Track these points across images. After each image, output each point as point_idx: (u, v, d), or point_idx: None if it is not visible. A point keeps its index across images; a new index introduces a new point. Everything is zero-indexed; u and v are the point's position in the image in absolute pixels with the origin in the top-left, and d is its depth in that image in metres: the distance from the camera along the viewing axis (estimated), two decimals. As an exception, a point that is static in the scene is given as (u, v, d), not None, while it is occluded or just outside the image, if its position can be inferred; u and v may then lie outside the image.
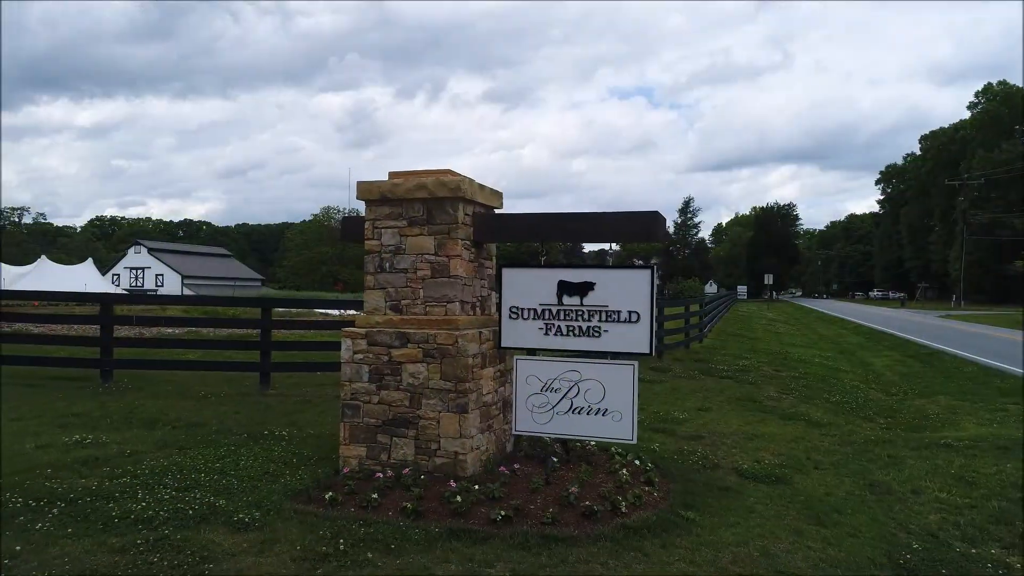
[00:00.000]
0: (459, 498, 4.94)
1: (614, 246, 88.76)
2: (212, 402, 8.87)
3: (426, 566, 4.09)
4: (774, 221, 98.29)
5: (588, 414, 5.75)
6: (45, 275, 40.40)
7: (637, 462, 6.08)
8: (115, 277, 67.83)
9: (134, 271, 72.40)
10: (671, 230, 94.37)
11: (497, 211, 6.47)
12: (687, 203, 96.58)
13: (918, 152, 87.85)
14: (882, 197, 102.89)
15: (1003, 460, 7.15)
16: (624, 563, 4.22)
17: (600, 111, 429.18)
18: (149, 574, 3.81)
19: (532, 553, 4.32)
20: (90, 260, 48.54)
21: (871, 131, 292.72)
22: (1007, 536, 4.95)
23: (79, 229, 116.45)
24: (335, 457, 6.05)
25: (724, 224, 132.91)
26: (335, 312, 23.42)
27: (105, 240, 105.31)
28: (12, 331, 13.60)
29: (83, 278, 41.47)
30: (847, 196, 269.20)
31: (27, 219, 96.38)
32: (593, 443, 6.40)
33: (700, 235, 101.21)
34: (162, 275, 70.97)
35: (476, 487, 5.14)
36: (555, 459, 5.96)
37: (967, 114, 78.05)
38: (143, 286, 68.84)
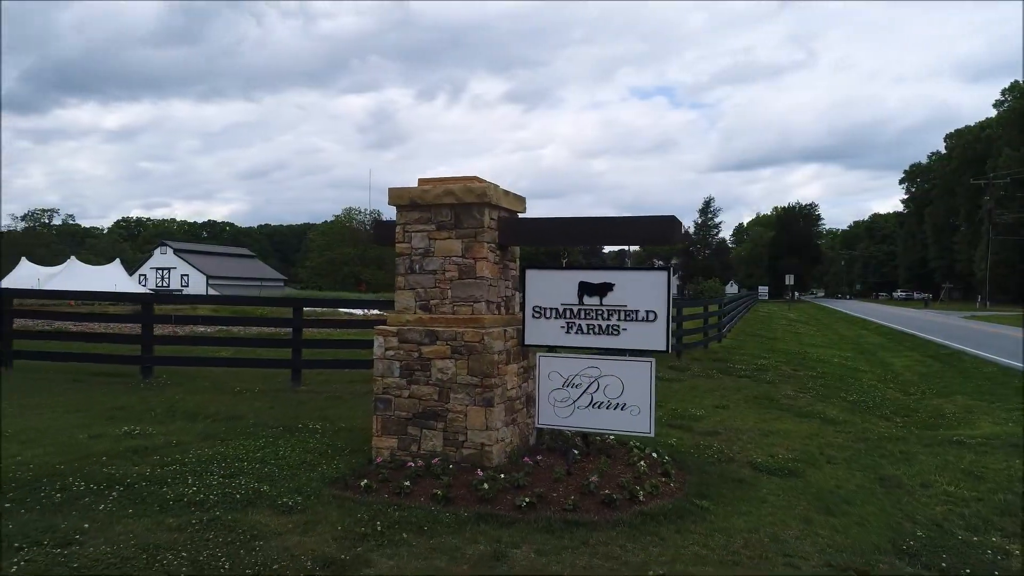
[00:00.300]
0: (486, 485, 5.27)
1: (633, 247, 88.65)
2: (247, 397, 9.28)
3: (457, 546, 4.42)
4: (796, 221, 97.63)
5: (607, 408, 6.05)
6: (75, 275, 41.46)
7: (654, 455, 6.36)
8: (142, 277, 69.13)
9: (160, 271, 73.70)
10: (691, 230, 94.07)
11: (520, 215, 6.79)
12: (707, 203, 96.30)
13: (943, 151, 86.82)
14: (906, 196, 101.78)
15: (1013, 457, 7.33)
16: (641, 546, 4.52)
17: (620, 111, 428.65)
18: (206, 549, 4.18)
19: (555, 536, 4.63)
20: (118, 261, 49.66)
21: (896, 129, 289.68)
22: (1009, 526, 5.17)
23: (106, 230, 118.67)
24: (367, 448, 6.40)
25: (745, 224, 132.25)
26: (359, 312, 23.87)
27: (131, 241, 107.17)
28: (53, 329, 14.18)
29: (111, 278, 42.49)
30: (871, 195, 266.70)
31: (57, 220, 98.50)
32: (612, 437, 6.70)
33: (721, 235, 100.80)
34: (187, 275, 72.17)
35: (502, 476, 5.46)
36: (576, 451, 6.26)
37: (994, 112, 76.98)
38: (169, 286, 70.07)
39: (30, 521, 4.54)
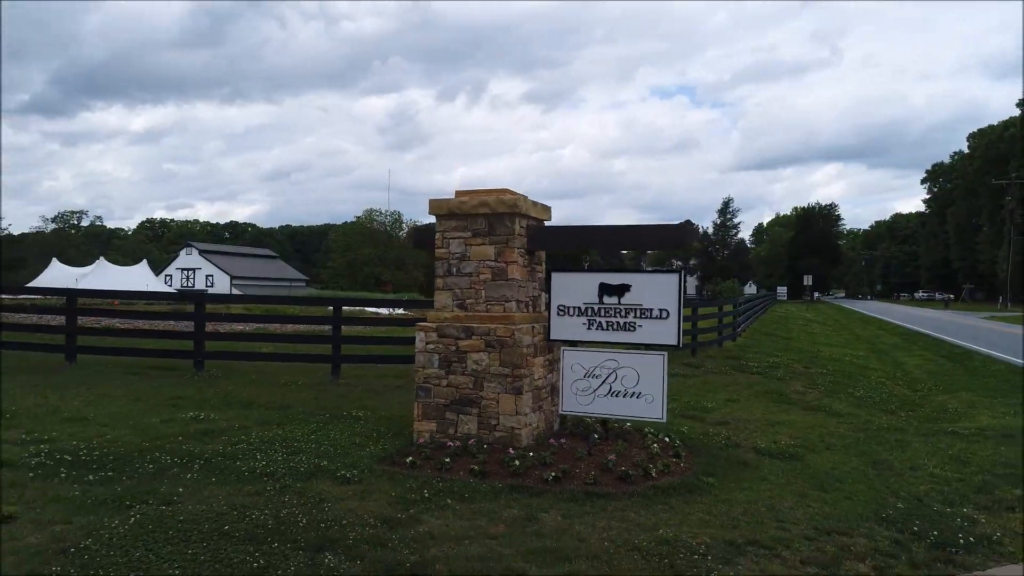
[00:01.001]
0: (517, 462, 6.00)
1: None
2: (293, 389, 10.09)
3: (494, 510, 5.15)
4: (816, 221, 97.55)
5: (624, 397, 6.76)
6: (105, 275, 42.77)
7: (667, 439, 7.05)
8: (168, 278, 70.71)
9: (185, 272, 75.31)
10: (710, 231, 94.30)
11: (546, 223, 7.51)
12: (726, 204, 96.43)
13: (966, 150, 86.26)
14: (928, 196, 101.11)
15: (1002, 445, 7.91)
16: (653, 512, 5.22)
17: (641, 110, 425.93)
18: (285, 509, 4.95)
19: (578, 503, 5.36)
20: (144, 261, 51.04)
21: (922, 128, 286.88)
22: (983, 501, 5.80)
23: (131, 231, 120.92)
24: (408, 432, 7.16)
25: (765, 224, 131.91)
26: (384, 311, 24.67)
27: (156, 242, 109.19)
28: (102, 327, 15.15)
29: (140, 278, 43.80)
30: (893, 195, 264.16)
31: (85, 222, 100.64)
32: (629, 423, 7.40)
33: (740, 235, 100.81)
34: (212, 276, 73.68)
35: (530, 454, 6.20)
36: (596, 435, 6.97)
37: (1017, 111, 76.32)
38: (194, 286, 71.59)
39: (132, 486, 5.34)
